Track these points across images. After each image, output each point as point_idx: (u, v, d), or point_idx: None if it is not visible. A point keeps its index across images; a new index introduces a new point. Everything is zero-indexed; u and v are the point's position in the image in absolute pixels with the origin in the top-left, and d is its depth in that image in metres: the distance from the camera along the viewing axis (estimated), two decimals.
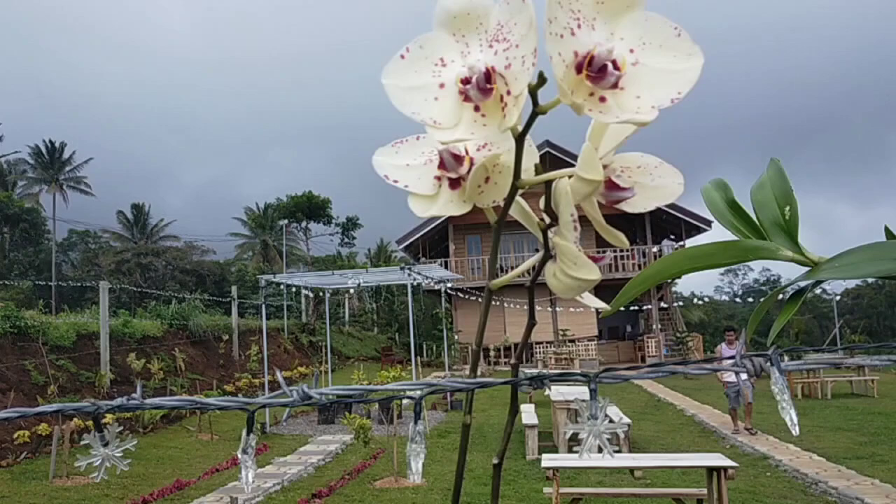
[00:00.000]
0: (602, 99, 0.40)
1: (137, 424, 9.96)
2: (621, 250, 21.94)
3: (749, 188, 0.73)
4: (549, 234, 0.45)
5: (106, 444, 0.50)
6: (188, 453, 8.73)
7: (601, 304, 0.51)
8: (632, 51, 0.40)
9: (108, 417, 9.30)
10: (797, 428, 0.42)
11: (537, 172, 0.45)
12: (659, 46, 0.41)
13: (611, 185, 0.45)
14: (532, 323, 0.48)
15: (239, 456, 0.47)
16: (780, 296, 0.68)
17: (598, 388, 0.45)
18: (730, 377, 8.54)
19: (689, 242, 22.54)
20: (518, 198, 0.46)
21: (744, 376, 7.54)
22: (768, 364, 0.44)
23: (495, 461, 0.48)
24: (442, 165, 0.47)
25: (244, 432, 0.47)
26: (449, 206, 0.47)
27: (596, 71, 0.39)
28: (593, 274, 0.43)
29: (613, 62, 0.39)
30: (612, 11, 0.41)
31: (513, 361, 0.47)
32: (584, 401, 0.43)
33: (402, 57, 0.43)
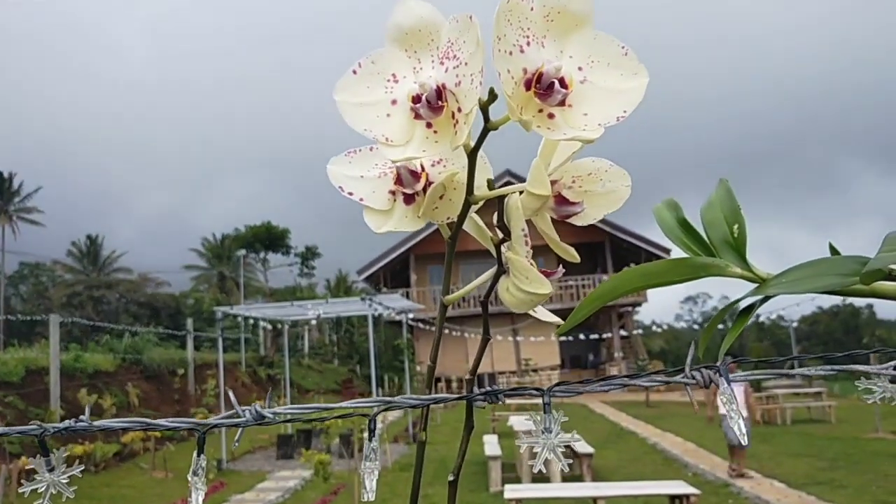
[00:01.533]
0: (550, 116, 0.41)
1: (89, 462, 9.62)
2: (583, 280, 22.17)
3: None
4: (503, 249, 0.46)
5: (52, 470, 0.49)
6: (142, 492, 8.46)
7: (555, 319, 0.52)
8: (580, 69, 0.42)
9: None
10: (745, 437, 0.43)
11: (490, 188, 0.45)
12: (607, 65, 0.42)
13: (560, 200, 0.46)
14: (486, 338, 0.48)
15: (189, 478, 0.46)
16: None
17: (561, 421, 0.46)
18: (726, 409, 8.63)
19: None
20: (472, 214, 0.47)
21: (744, 412, 7.25)
22: (717, 375, 0.45)
23: (451, 478, 0.48)
24: (398, 181, 0.47)
25: (195, 453, 0.46)
26: (404, 221, 0.47)
27: (544, 88, 0.40)
28: (545, 288, 0.43)
29: (561, 80, 0.40)
30: (562, 29, 0.42)
31: (467, 377, 0.47)
32: (538, 414, 0.44)
33: (355, 72, 0.44)
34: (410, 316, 15.07)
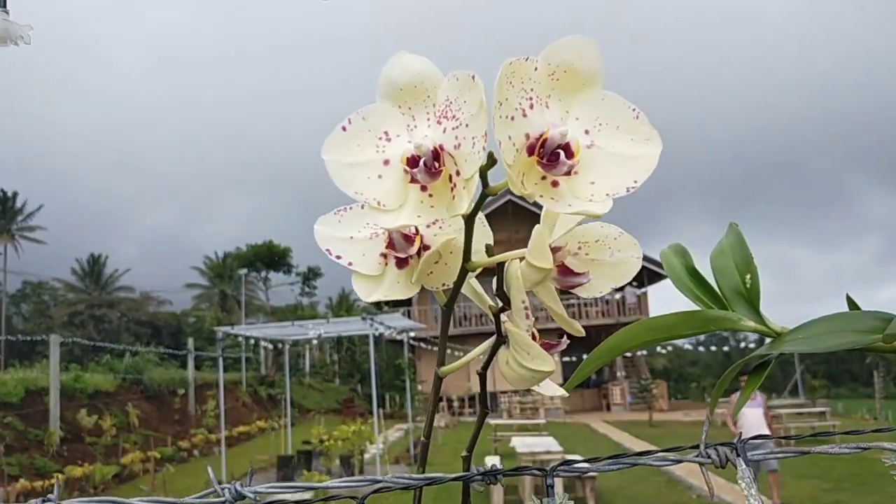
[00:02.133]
0: (555, 184, 0.37)
1: (88, 485, 9.54)
2: (585, 300, 22.10)
3: (710, 240, 0.72)
4: (502, 319, 0.42)
5: None
6: None
7: (560, 392, 0.49)
8: (587, 132, 0.38)
9: (59, 477, 8.90)
10: None
11: (489, 253, 0.42)
12: (616, 128, 0.39)
13: (564, 271, 0.43)
14: (485, 412, 0.45)
15: None
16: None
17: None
18: (746, 435, 7.78)
19: (651, 289, 22.84)
20: (472, 279, 0.44)
21: (764, 430, 6.79)
22: (734, 454, 0.42)
23: None
24: (391, 245, 0.44)
25: None
26: (395, 287, 0.44)
27: (548, 155, 0.37)
28: (548, 366, 0.40)
29: (567, 146, 0.37)
30: (568, 89, 0.39)
31: (463, 454, 0.44)
32: (541, 498, 0.40)
33: (344, 129, 0.40)
34: (412, 335, 15.00)
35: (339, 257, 0.44)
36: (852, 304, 0.65)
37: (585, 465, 0.42)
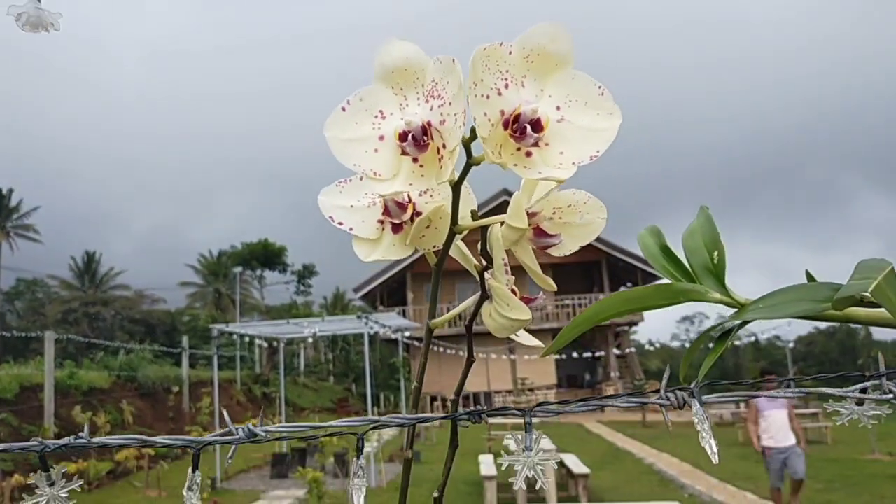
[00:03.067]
0: (528, 154, 0.43)
1: (83, 480, 9.55)
2: (580, 299, 22.20)
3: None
4: (486, 277, 0.48)
5: (52, 485, 0.51)
6: None
7: (536, 343, 0.54)
8: (558, 108, 0.44)
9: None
10: (716, 457, 0.45)
11: (474, 218, 0.48)
12: (584, 104, 0.44)
13: (539, 232, 0.49)
14: (470, 360, 0.50)
15: (184, 493, 0.48)
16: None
17: (542, 440, 0.48)
18: (772, 440, 6.51)
19: None
20: (458, 242, 0.49)
21: (791, 440, 6.40)
22: (690, 396, 0.48)
23: (435, 494, 0.50)
24: (386, 212, 0.49)
25: (190, 470, 0.48)
26: (392, 249, 0.49)
27: (521, 129, 0.42)
28: (525, 315, 0.45)
29: (536, 121, 0.42)
30: (542, 70, 0.44)
31: (452, 397, 0.50)
32: (518, 433, 0.46)
33: (343, 109, 0.46)
34: (406, 334, 15.04)
35: (340, 223, 0.50)
36: (810, 277, 0.70)
37: (559, 406, 0.48)
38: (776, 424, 6.51)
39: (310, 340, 18.35)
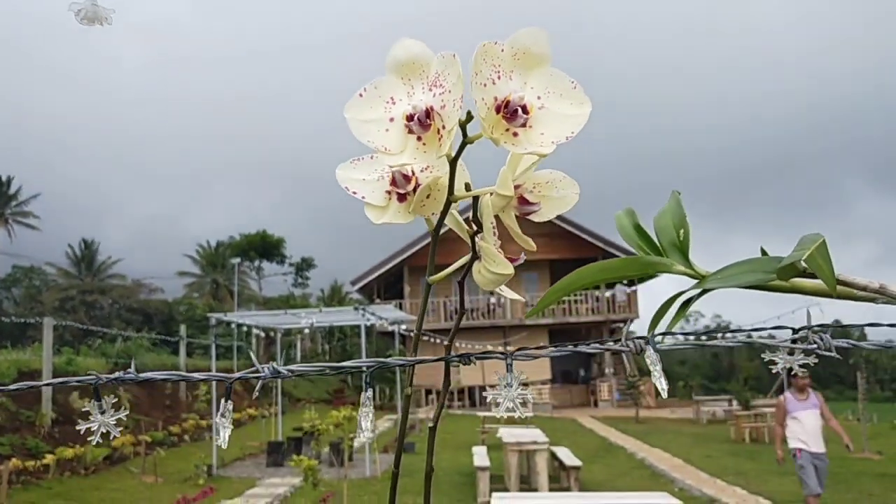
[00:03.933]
0: (515, 134, 0.52)
1: (79, 466, 9.66)
2: (576, 294, 22.30)
3: (705, 241, 0.87)
4: (476, 239, 0.57)
5: (103, 413, 0.59)
6: (131, 496, 8.50)
7: (517, 297, 0.63)
8: (539, 98, 0.53)
9: (49, 458, 8.95)
10: (665, 392, 0.54)
11: (467, 190, 0.57)
12: (560, 95, 0.53)
13: (522, 201, 0.58)
14: (463, 311, 0.59)
15: (217, 420, 0.57)
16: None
17: (520, 378, 0.57)
18: (801, 442, 6.02)
19: (641, 287, 23.07)
20: (453, 210, 0.58)
21: (823, 447, 6.18)
22: (646, 344, 0.56)
23: (430, 425, 0.59)
24: (393, 183, 0.58)
25: (223, 400, 0.57)
26: (397, 215, 0.58)
27: (510, 113, 0.51)
28: (508, 269, 0.54)
29: (524, 107, 0.51)
30: (526, 66, 0.53)
31: (446, 343, 0.58)
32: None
33: (360, 95, 0.55)
34: (403, 327, 15.14)
35: (354, 192, 0.59)
36: (763, 253, 0.79)
37: (538, 351, 0.56)
38: (807, 429, 5.95)
39: (306, 332, 18.44)
